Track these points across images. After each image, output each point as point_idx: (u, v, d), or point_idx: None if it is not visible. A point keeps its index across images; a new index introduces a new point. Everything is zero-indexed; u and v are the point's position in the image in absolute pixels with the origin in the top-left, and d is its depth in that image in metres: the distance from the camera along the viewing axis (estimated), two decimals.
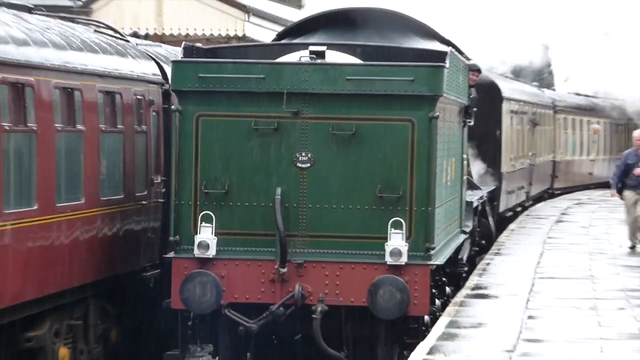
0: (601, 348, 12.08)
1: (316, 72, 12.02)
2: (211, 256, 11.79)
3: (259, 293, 11.93)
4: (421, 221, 12.02)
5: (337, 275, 11.92)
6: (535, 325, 13.67)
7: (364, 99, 11.94)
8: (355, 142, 12.05)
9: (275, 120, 11.93)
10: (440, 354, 11.66)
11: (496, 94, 21.92)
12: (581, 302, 16.04)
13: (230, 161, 12.06)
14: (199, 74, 11.91)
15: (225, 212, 12.04)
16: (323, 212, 11.98)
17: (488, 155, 21.74)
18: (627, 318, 14.29)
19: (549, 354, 11.90)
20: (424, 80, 11.88)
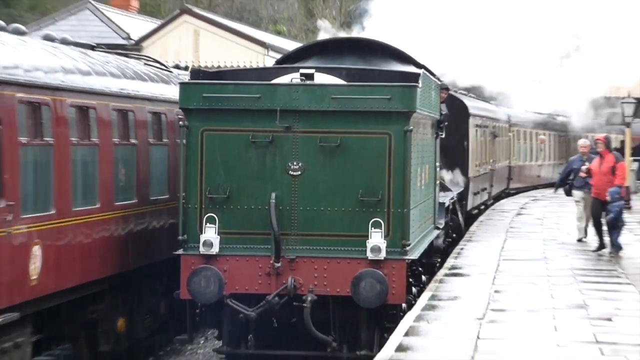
0: (553, 316, 11.87)
1: (305, 91, 11.51)
2: (214, 253, 11.30)
3: (256, 285, 11.40)
4: (398, 221, 11.45)
5: (324, 268, 11.37)
6: (500, 298, 13.54)
7: (347, 115, 11.43)
8: (340, 153, 11.48)
9: (270, 134, 11.46)
10: (424, 321, 11.58)
11: (464, 111, 21.31)
12: (537, 279, 15.71)
13: (231, 170, 11.57)
14: (203, 93, 11.43)
15: (227, 214, 11.52)
16: (312, 213, 11.44)
17: (457, 162, 20.97)
18: (574, 291, 14.16)
19: (511, 321, 11.76)
20: (399, 98, 11.35)
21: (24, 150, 10.36)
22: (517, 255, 18.58)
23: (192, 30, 29.11)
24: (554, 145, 38.95)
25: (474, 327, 10.80)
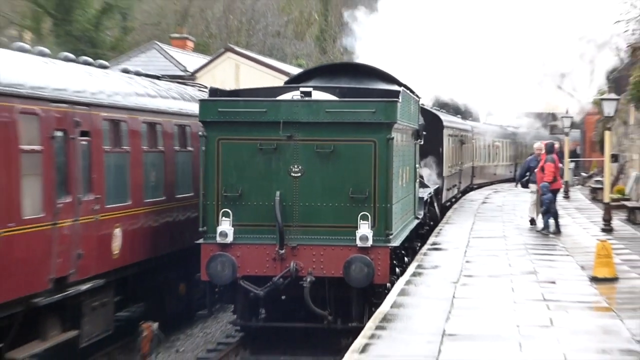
0: (511, 280, 12.04)
1: (304, 106, 11.02)
2: (229, 242, 10.84)
3: (264, 268, 10.89)
4: (382, 214, 10.93)
5: (321, 254, 10.89)
6: (470, 266, 13.45)
7: (339, 125, 10.93)
8: (333, 157, 10.95)
9: (275, 142, 10.95)
10: (412, 284, 11.70)
11: (439, 123, 20.75)
12: (498, 252, 15.52)
13: (243, 172, 11.09)
14: (219, 108, 10.97)
15: (239, 209, 11.02)
16: (310, 208, 10.96)
17: (434, 164, 20.23)
18: (526, 261, 14.10)
19: (478, 284, 11.90)
20: (382, 111, 10.86)
21: (107, 156, 10.63)
22: (483, 234, 18.35)
23: (234, 64, 29.16)
24: (506, 150, 39.11)
25: (451, 289, 10.87)
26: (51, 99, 8.81)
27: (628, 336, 7.72)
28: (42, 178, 8.79)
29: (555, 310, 9.32)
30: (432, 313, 9.32)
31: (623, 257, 13.40)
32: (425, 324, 8.75)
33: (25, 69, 8.84)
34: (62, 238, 9.22)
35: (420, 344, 7.60)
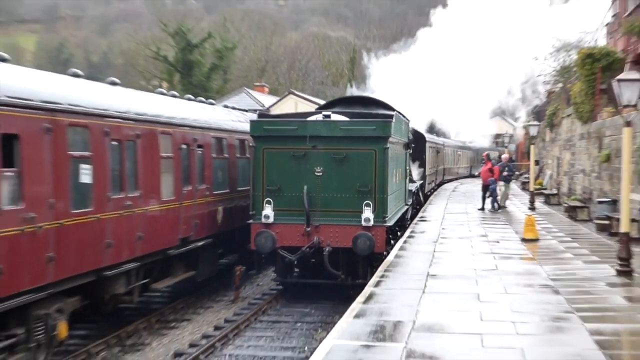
0: (471, 240, 12.68)
1: (324, 125, 10.93)
2: (270, 222, 10.87)
3: (296, 241, 10.86)
4: (380, 202, 10.83)
5: (336, 231, 10.77)
6: (445, 232, 14.16)
7: (349, 138, 10.87)
8: (345, 162, 10.74)
9: (304, 151, 10.80)
10: (407, 244, 12.25)
11: (423, 139, 21.18)
12: (463, 222, 15.99)
13: (281, 172, 11.00)
14: (264, 127, 11.03)
15: (278, 198, 10.94)
16: (329, 198, 10.84)
17: (420, 166, 20.64)
18: (480, 228, 14.69)
19: (450, 243, 12.38)
20: (380, 128, 10.78)
21: (214, 161, 11.97)
22: (453, 211, 19.12)
23: (294, 102, 32.06)
24: (465, 157, 42.16)
25: (432, 246, 11.58)
26: (179, 124, 10.92)
27: (545, 276, 8.77)
28: (173, 175, 10.29)
29: (499, 260, 10.20)
30: (420, 262, 10.09)
31: (542, 226, 14.61)
32: (415, 268, 9.61)
33: (163, 105, 10.84)
34: (186, 212, 10.55)
35: (413, 281, 8.48)
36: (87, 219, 7.47)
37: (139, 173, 9.03)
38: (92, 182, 7.66)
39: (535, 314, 6.43)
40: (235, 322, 9.91)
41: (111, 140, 8.13)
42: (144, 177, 9.17)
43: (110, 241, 7.89)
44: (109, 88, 8.94)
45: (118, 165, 8.50)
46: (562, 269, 9.39)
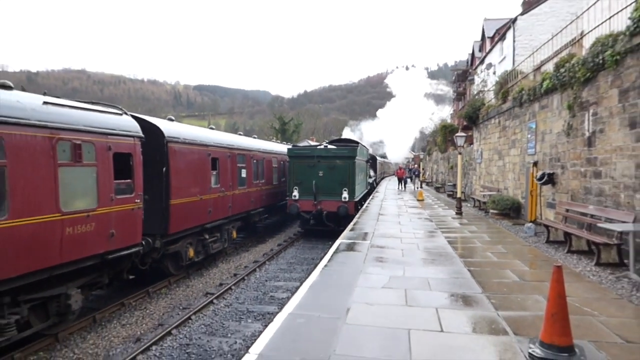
0: (397, 201, 19.08)
1: (324, 150, 17.83)
2: (296, 199, 17.16)
3: (310, 208, 17.15)
4: (351, 189, 17.11)
5: (330, 204, 16.98)
6: (385, 204, 20.18)
7: (336, 157, 17.31)
8: (334, 168, 17.10)
9: (314, 163, 17.20)
10: (371, 202, 18.69)
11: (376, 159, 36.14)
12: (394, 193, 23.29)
13: (302, 173, 17.17)
14: (294, 151, 17.91)
15: (300, 186, 17.19)
16: (325, 186, 17.03)
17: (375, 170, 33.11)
18: (400, 196, 21.78)
19: (388, 205, 18.75)
20: (350, 151, 17.60)
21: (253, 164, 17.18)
22: (389, 190, 27.16)
23: None
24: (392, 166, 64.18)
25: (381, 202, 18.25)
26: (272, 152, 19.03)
27: (426, 214, 15.76)
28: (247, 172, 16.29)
29: (407, 208, 16.86)
30: (376, 208, 16.90)
31: (426, 195, 25.53)
32: (374, 212, 16.06)
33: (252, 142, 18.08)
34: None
35: (373, 216, 14.79)
36: (243, 190, 14.86)
37: (260, 173, 16.84)
38: (245, 176, 15.22)
39: (422, 229, 12.79)
40: (282, 245, 16.53)
41: (252, 158, 16.08)
42: (264, 173, 17.45)
43: (253, 200, 15.72)
44: (252, 139, 18.43)
45: (261, 167, 17.08)
46: (434, 212, 16.95)
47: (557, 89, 11.33)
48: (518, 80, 15.94)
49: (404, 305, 5.87)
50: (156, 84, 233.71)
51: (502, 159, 16.99)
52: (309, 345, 4.67)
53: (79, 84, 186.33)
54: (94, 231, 7.87)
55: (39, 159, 6.86)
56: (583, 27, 12.07)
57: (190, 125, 13.86)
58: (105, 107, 9.20)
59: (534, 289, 6.61)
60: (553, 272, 4.30)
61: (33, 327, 7.24)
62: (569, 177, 10.77)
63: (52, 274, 7.13)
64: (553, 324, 4.22)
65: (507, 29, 26.49)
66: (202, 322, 8.71)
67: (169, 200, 10.60)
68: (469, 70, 43.89)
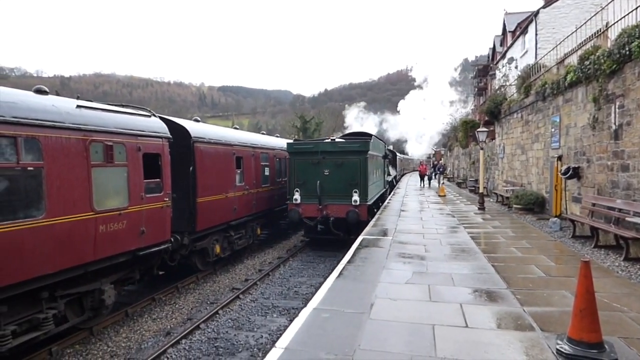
0: (418, 197, 18.67)
1: (330, 144, 14.05)
2: (298, 202, 13.92)
3: (313, 213, 13.81)
4: (363, 190, 13.57)
5: (337, 208, 13.62)
6: (406, 200, 20.20)
7: (344, 152, 13.77)
8: (342, 166, 13.65)
9: (317, 160, 13.77)
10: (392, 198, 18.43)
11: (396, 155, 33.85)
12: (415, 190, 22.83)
13: (304, 173, 13.89)
14: (294, 146, 14.33)
15: (303, 188, 13.88)
16: (332, 187, 13.69)
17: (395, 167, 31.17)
18: (421, 192, 21.15)
19: (410, 201, 18.01)
20: (362, 145, 13.89)
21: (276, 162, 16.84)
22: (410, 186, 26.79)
23: None
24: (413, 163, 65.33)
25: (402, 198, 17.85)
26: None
27: (448, 210, 15.84)
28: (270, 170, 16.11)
29: (429, 203, 16.97)
30: (397, 204, 16.41)
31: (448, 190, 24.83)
32: (395, 208, 15.65)
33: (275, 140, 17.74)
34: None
35: (395, 213, 14.57)
36: (267, 188, 14.74)
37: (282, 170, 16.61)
38: (269, 174, 14.95)
39: (444, 225, 12.55)
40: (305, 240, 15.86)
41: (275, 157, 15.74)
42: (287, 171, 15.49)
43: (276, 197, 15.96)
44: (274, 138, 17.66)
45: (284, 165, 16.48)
46: (456, 207, 16.63)
47: (581, 81, 11.00)
48: (541, 74, 15.48)
49: (427, 301, 5.77)
50: (182, 86, 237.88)
51: (525, 153, 16.56)
52: (334, 339, 4.63)
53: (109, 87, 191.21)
54: (125, 229, 8.03)
55: (73, 160, 7.02)
56: (608, 18, 11.61)
57: (215, 125, 13.96)
58: (134, 109, 9.34)
59: (561, 284, 6.43)
60: (581, 267, 4.16)
61: (69, 321, 7.43)
62: (595, 170, 10.44)
63: (86, 270, 7.30)
64: (581, 320, 4.09)
65: (529, 23, 25.77)
66: (229, 317, 8.80)
67: (196, 199, 10.72)
68: (490, 65, 42.91)
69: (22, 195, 6.24)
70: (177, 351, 7.32)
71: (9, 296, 6.11)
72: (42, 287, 6.71)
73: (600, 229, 9.21)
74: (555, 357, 4.14)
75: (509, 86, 22.33)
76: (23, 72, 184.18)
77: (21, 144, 6.20)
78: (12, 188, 6.12)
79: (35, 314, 6.68)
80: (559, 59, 14.68)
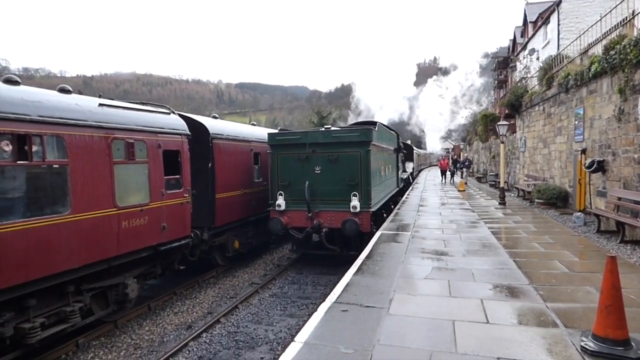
0: (437, 192, 18.79)
1: (321, 134, 11.19)
2: (282, 209, 11.39)
3: (302, 223, 11.23)
4: (365, 193, 10.90)
5: (332, 216, 10.99)
6: (425, 195, 19.97)
7: (340, 144, 11.00)
8: (337, 162, 11.01)
9: (306, 154, 11.16)
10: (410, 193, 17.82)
11: (412, 149, 33.21)
12: (433, 190, 22.03)
13: (290, 171, 11.36)
14: (276, 137, 11.58)
15: (288, 191, 11.38)
16: (325, 190, 11.09)
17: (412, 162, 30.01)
18: (441, 187, 21.04)
19: (428, 196, 18.01)
20: (363, 135, 10.93)
21: None
22: (428, 181, 26.88)
23: None
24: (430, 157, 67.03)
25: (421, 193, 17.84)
26: None
27: (468, 205, 15.58)
28: None
29: (449, 198, 16.56)
30: (416, 199, 16.28)
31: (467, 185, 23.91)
32: (413, 203, 15.56)
33: None
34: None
35: (413, 208, 14.33)
36: None
37: None
38: None
39: (464, 220, 12.39)
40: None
41: None
42: None
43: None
44: None
45: None
46: (475, 202, 16.41)
47: (606, 72, 10.68)
48: (564, 65, 15.11)
49: (447, 296, 5.70)
50: (200, 83, 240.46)
51: (547, 147, 16.26)
52: (353, 334, 4.61)
53: (130, 85, 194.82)
54: (147, 224, 8.16)
55: (96, 158, 7.16)
56: (634, 6, 11.24)
57: (233, 122, 13.84)
58: (154, 107, 9.43)
59: (585, 280, 6.28)
60: (607, 263, 4.07)
61: (95, 314, 7.59)
62: (621, 164, 10.15)
63: (110, 264, 7.46)
64: (607, 317, 4.00)
65: (551, 13, 25.10)
66: (248, 311, 8.88)
67: (215, 195, 10.80)
68: (510, 57, 42.01)
69: (48, 192, 6.38)
70: (198, 344, 7.40)
71: (37, 289, 6.28)
72: (69, 281, 6.85)
73: (627, 224, 8.97)
74: (580, 354, 4.05)
75: (530, 78, 21.85)
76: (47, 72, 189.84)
77: (47, 142, 6.33)
78: (39, 185, 6.26)
79: (63, 307, 6.87)
80: (583, 49, 14.29)
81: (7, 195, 5.87)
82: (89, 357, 7.14)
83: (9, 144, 5.88)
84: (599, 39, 13.08)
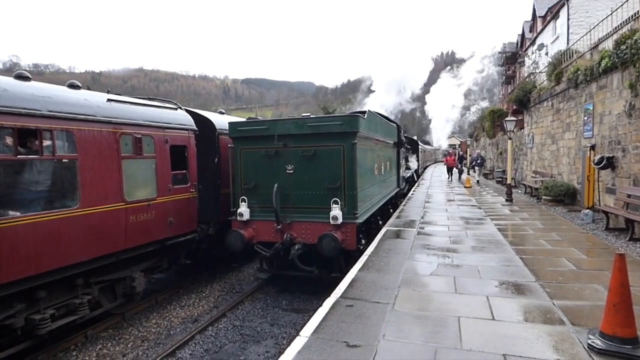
0: (443, 188, 18.86)
1: (293, 123, 9.16)
2: (246, 219, 9.32)
3: (271, 236, 9.24)
4: (350, 199, 8.93)
5: (308, 228, 9.01)
6: (431, 191, 19.78)
7: (317, 135, 8.99)
8: (314, 158, 9.06)
9: (274, 149, 9.24)
10: (416, 189, 18.28)
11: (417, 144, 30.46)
12: (439, 186, 22.06)
13: (255, 170, 9.42)
14: (238, 128, 9.51)
15: (252, 195, 9.42)
16: (300, 195, 9.16)
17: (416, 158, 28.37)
18: (448, 189, 20.73)
19: (434, 192, 17.90)
20: (347, 124, 8.78)
21: None
22: (435, 178, 26.32)
23: None
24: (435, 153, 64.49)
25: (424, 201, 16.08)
26: None
27: (474, 202, 15.34)
28: None
29: (454, 195, 16.79)
30: (422, 196, 16.14)
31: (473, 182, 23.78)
32: (419, 200, 15.47)
33: None
34: None
35: (419, 204, 14.37)
36: None
37: None
38: None
39: (471, 217, 12.33)
40: None
41: None
42: None
43: None
44: None
45: None
46: (482, 198, 16.42)
47: (617, 67, 10.56)
48: (573, 60, 14.94)
49: (453, 293, 5.70)
50: (206, 79, 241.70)
51: (555, 143, 16.13)
52: (358, 329, 4.63)
53: (137, 81, 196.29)
54: (154, 219, 8.25)
55: (105, 152, 7.24)
56: None
57: (239, 117, 13.76)
58: (161, 102, 9.49)
59: (593, 277, 6.23)
60: (615, 260, 4.04)
61: (103, 307, 7.70)
62: (631, 160, 10.06)
63: (118, 258, 7.57)
64: (615, 315, 3.98)
65: (560, 7, 24.80)
66: (253, 306, 8.91)
67: (221, 190, 10.72)
68: (518, 52, 41.63)
69: (58, 187, 6.46)
70: (204, 337, 7.48)
71: (47, 282, 6.38)
72: (78, 274, 6.96)
73: (636, 221, 8.90)
74: (587, 352, 4.04)
75: (538, 73, 21.65)
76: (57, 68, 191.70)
77: (57, 137, 6.42)
78: (49, 179, 6.33)
79: (72, 299, 6.97)
80: (593, 44, 14.12)
81: (18, 190, 5.93)
82: (97, 348, 7.24)
83: (18, 139, 5.91)
84: (610, 33, 12.92)
